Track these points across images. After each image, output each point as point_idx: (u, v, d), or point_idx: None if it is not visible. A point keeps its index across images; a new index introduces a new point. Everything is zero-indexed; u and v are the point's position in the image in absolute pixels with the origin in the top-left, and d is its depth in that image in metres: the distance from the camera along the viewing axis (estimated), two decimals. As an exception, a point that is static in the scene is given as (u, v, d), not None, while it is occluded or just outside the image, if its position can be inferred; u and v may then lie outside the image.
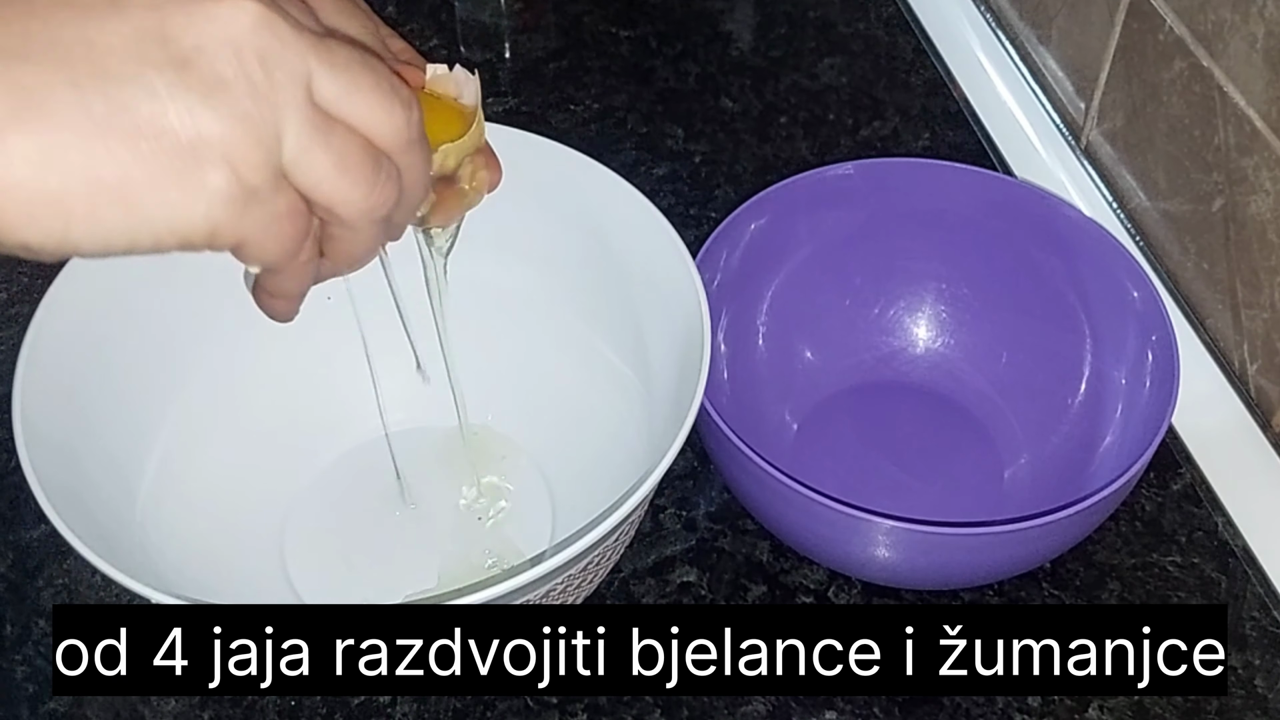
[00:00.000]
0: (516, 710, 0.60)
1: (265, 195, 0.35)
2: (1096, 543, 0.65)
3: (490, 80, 0.90)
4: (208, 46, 0.33)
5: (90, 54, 0.33)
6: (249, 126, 0.34)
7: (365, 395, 0.65)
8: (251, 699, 0.60)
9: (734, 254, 0.67)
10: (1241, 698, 0.60)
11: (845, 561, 0.62)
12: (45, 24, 0.33)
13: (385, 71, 0.37)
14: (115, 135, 0.32)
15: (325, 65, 0.35)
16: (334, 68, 0.35)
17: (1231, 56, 0.68)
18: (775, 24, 0.95)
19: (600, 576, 0.58)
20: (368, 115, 0.36)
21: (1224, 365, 0.73)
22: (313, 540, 0.64)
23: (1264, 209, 0.68)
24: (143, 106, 0.33)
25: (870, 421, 0.71)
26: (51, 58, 0.32)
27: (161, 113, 0.33)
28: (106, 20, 0.33)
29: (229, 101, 0.33)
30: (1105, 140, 0.83)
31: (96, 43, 0.33)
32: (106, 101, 0.32)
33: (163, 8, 0.33)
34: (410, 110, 0.37)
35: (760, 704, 0.60)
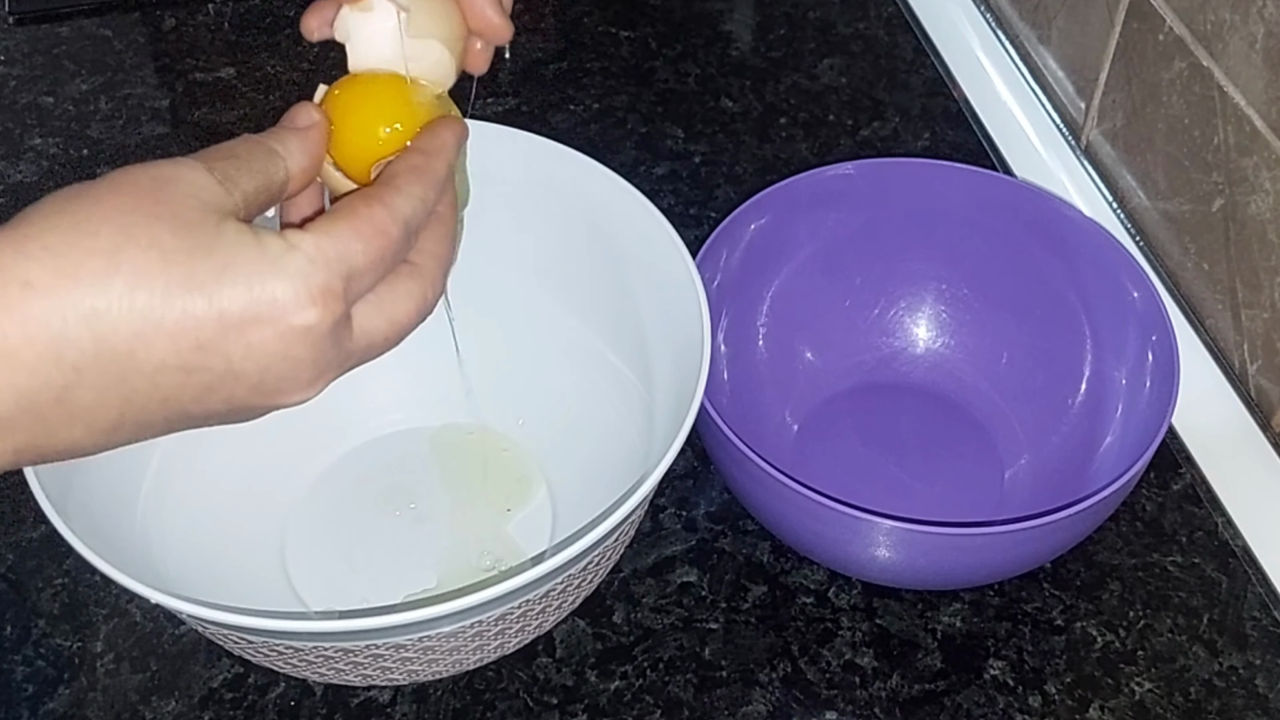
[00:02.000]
0: (516, 710, 0.60)
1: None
2: (1097, 543, 0.65)
3: (490, 80, 0.90)
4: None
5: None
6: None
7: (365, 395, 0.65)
8: (252, 699, 0.60)
9: (734, 254, 0.67)
10: (1242, 698, 0.60)
11: (846, 562, 0.62)
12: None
13: (406, 315, 0.42)
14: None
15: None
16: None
17: (1231, 56, 0.68)
18: (775, 24, 0.95)
19: (600, 576, 0.58)
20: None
21: (1224, 365, 0.73)
22: (313, 540, 0.64)
23: (1264, 209, 0.68)
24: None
25: (871, 422, 0.71)
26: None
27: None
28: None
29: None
30: (1105, 140, 0.83)
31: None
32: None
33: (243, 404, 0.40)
34: (425, 307, 0.43)
35: (760, 704, 0.60)
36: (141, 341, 0.36)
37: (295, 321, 0.38)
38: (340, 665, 0.53)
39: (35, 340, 0.35)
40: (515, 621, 0.53)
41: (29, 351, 0.35)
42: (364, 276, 0.40)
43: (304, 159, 0.43)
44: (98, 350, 0.36)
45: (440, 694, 0.60)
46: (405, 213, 0.41)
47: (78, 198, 0.37)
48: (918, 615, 0.63)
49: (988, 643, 0.62)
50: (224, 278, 0.37)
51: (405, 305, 0.42)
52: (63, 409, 0.37)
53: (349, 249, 0.39)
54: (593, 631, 0.62)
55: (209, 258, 0.37)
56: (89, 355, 0.36)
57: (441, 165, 0.44)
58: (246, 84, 0.90)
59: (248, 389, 0.39)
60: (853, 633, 0.62)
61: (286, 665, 0.54)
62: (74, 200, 0.37)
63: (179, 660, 0.61)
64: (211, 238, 0.37)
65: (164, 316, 0.36)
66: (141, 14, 0.95)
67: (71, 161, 0.84)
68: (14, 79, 0.89)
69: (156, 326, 0.36)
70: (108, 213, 0.37)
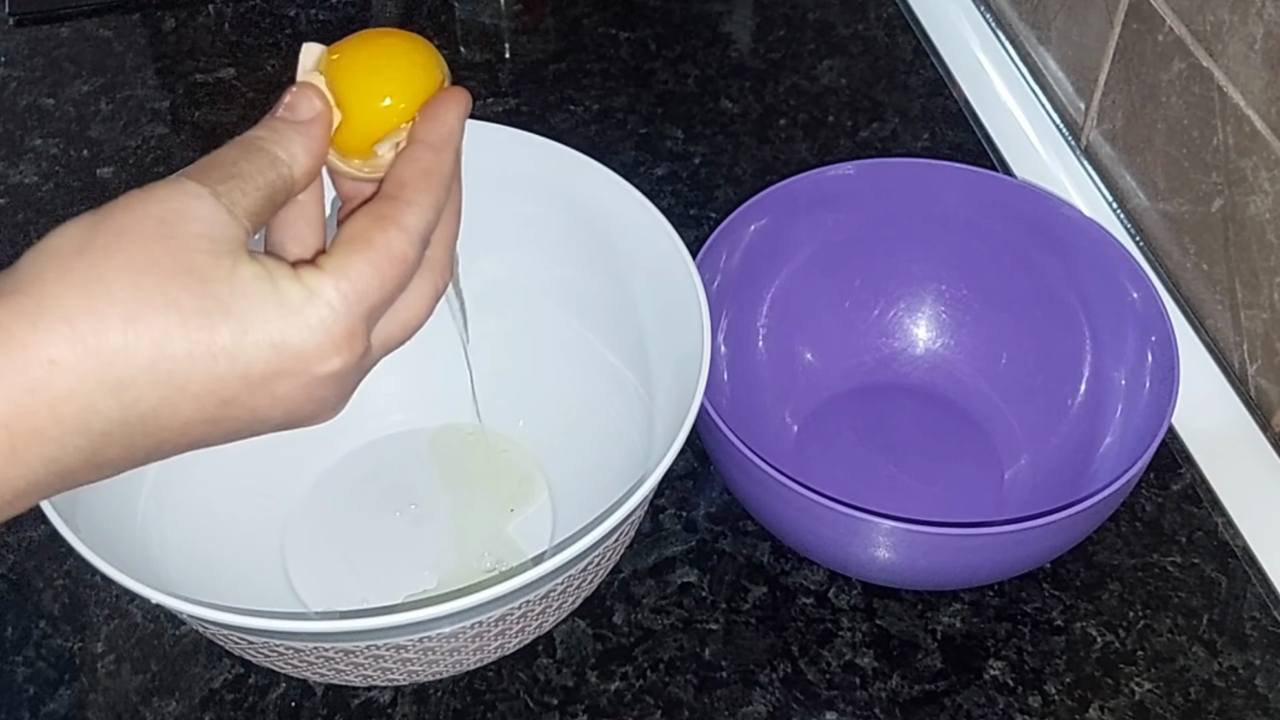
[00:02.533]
0: (517, 710, 0.60)
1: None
2: (1097, 543, 0.65)
3: (490, 81, 0.90)
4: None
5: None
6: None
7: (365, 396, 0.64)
8: (253, 700, 0.60)
9: (734, 255, 0.67)
10: (1242, 697, 0.60)
11: (846, 562, 0.62)
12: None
13: (418, 316, 0.43)
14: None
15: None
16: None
17: (1231, 57, 0.68)
18: (774, 26, 0.95)
19: (600, 577, 0.58)
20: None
21: (1224, 365, 0.73)
22: (313, 540, 0.64)
23: (1263, 209, 0.68)
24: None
25: (870, 423, 0.71)
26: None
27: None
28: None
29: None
30: (1105, 140, 0.83)
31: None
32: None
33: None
34: (437, 296, 0.43)
35: (760, 704, 0.60)
36: (168, 405, 0.37)
37: (320, 371, 0.38)
38: (340, 666, 0.53)
39: (64, 418, 0.35)
40: (515, 622, 0.53)
41: (58, 429, 0.35)
42: (383, 306, 0.40)
43: (308, 159, 0.41)
44: (125, 417, 0.36)
45: (440, 694, 0.60)
46: (419, 229, 0.41)
47: (84, 253, 0.36)
48: (918, 616, 0.63)
49: (988, 643, 0.62)
50: (245, 337, 0.37)
51: (419, 306, 0.42)
52: (91, 465, 0.37)
53: (368, 286, 0.39)
54: (593, 632, 0.62)
55: (228, 318, 0.36)
56: (116, 422, 0.36)
57: (450, 158, 0.43)
58: (246, 84, 0.90)
59: (274, 426, 0.40)
60: (853, 633, 0.62)
61: (287, 666, 0.54)
62: (81, 257, 0.36)
63: (180, 661, 0.61)
64: (227, 290, 0.37)
65: (188, 382, 0.36)
66: (142, 15, 0.95)
67: (72, 162, 0.84)
68: (14, 80, 0.89)
69: (181, 391, 0.36)
70: (119, 272, 0.36)
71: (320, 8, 0.96)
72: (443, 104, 0.44)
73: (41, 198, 0.82)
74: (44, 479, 0.36)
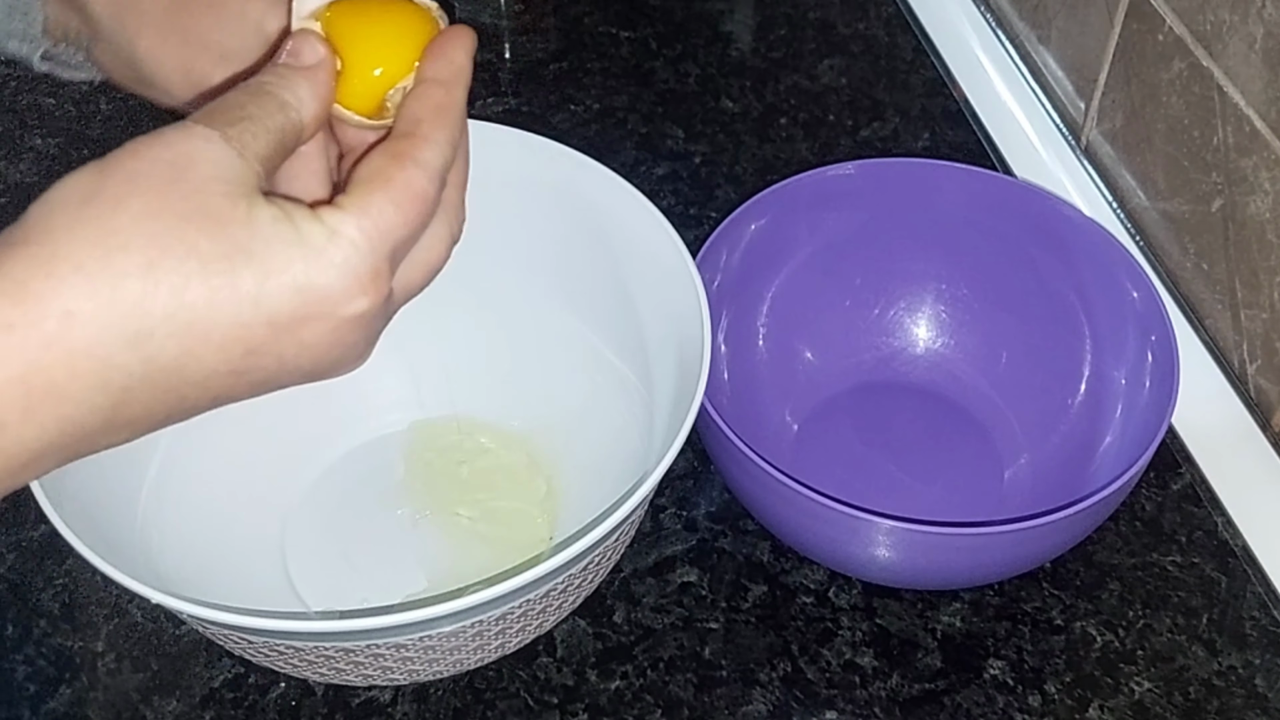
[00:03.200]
0: (517, 710, 0.60)
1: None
2: (1096, 543, 0.65)
3: (491, 81, 0.90)
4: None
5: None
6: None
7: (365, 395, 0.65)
8: (253, 699, 0.60)
9: (734, 254, 0.67)
10: (1242, 697, 0.60)
11: (846, 562, 0.62)
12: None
13: (439, 258, 0.41)
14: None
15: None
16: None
17: (1231, 57, 0.68)
18: (775, 25, 0.95)
19: (601, 576, 0.58)
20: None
21: (1224, 365, 0.73)
22: (313, 540, 0.64)
23: (1263, 209, 0.68)
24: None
25: (870, 422, 0.71)
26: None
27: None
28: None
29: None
30: (1105, 140, 0.83)
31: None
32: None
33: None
34: (454, 241, 0.42)
35: (760, 704, 0.60)
36: (191, 357, 0.35)
37: (347, 313, 0.37)
38: (341, 665, 0.53)
39: (82, 374, 0.34)
40: (516, 621, 0.53)
41: (75, 385, 0.34)
42: (406, 245, 0.39)
43: (316, 105, 0.40)
44: (145, 371, 0.34)
45: (441, 693, 0.60)
46: (437, 165, 0.39)
47: (94, 201, 0.34)
48: (917, 615, 0.63)
49: (987, 642, 0.62)
50: (269, 281, 0.35)
51: (439, 249, 0.41)
52: (109, 426, 0.35)
53: (391, 224, 0.38)
54: (593, 631, 0.62)
55: (250, 262, 0.35)
56: (136, 377, 0.34)
57: (460, 94, 0.42)
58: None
59: (301, 376, 0.38)
60: (853, 632, 0.63)
61: (287, 665, 0.54)
62: (91, 205, 0.34)
63: (180, 660, 0.61)
64: (247, 234, 0.35)
65: (211, 330, 0.35)
66: (142, 14, 0.95)
67: (72, 162, 0.84)
68: (14, 79, 0.89)
69: (204, 341, 0.35)
70: (134, 219, 0.34)
71: (320, 7, 0.95)
72: (449, 42, 0.43)
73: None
74: (58, 441, 0.34)
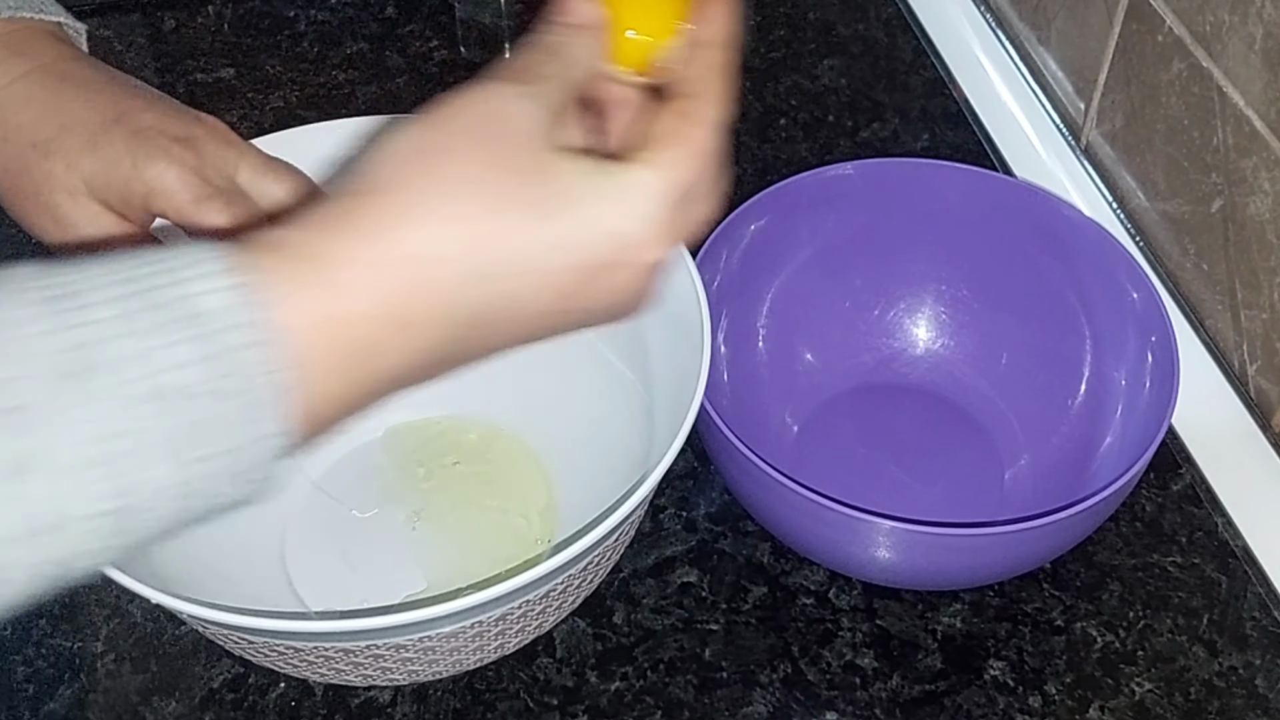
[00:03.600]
0: (517, 710, 0.60)
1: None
2: (1097, 543, 0.65)
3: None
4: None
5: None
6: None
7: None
8: (252, 700, 0.60)
9: (734, 254, 0.67)
10: (1242, 698, 0.60)
11: (846, 562, 0.62)
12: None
13: (712, 209, 0.44)
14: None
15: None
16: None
17: (1230, 57, 0.68)
18: (775, 25, 0.95)
19: (600, 577, 0.58)
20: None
21: (1224, 366, 0.73)
22: (313, 540, 0.64)
23: (1263, 210, 0.68)
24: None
25: (871, 423, 0.71)
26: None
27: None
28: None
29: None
30: (1105, 141, 0.83)
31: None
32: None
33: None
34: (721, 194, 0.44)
35: (761, 705, 0.60)
36: (519, 298, 0.38)
37: (649, 258, 0.40)
38: (340, 665, 0.53)
39: (433, 308, 0.37)
40: (515, 621, 0.53)
41: (427, 318, 0.37)
42: (696, 200, 0.42)
43: (593, 62, 0.44)
44: (483, 309, 0.38)
45: (440, 694, 0.60)
46: (719, 121, 0.43)
47: (427, 154, 0.38)
48: (918, 616, 0.63)
49: (988, 643, 0.62)
50: (587, 228, 0.39)
51: (713, 201, 0.44)
52: (442, 360, 0.39)
53: (684, 178, 0.41)
54: (593, 632, 0.62)
55: (571, 210, 0.39)
56: (476, 314, 0.38)
57: (729, 53, 0.45)
58: (246, 84, 0.90)
59: (604, 318, 0.42)
60: (853, 633, 0.62)
61: (287, 665, 0.54)
62: (426, 157, 0.38)
63: (179, 660, 0.61)
64: (565, 185, 0.39)
65: (539, 272, 0.38)
66: (142, 15, 0.95)
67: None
68: (14, 80, 0.89)
69: (533, 282, 0.38)
70: (468, 169, 0.38)
71: (320, 8, 0.95)
72: (715, 6, 0.46)
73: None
74: (398, 373, 0.38)
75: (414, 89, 0.89)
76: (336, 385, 0.36)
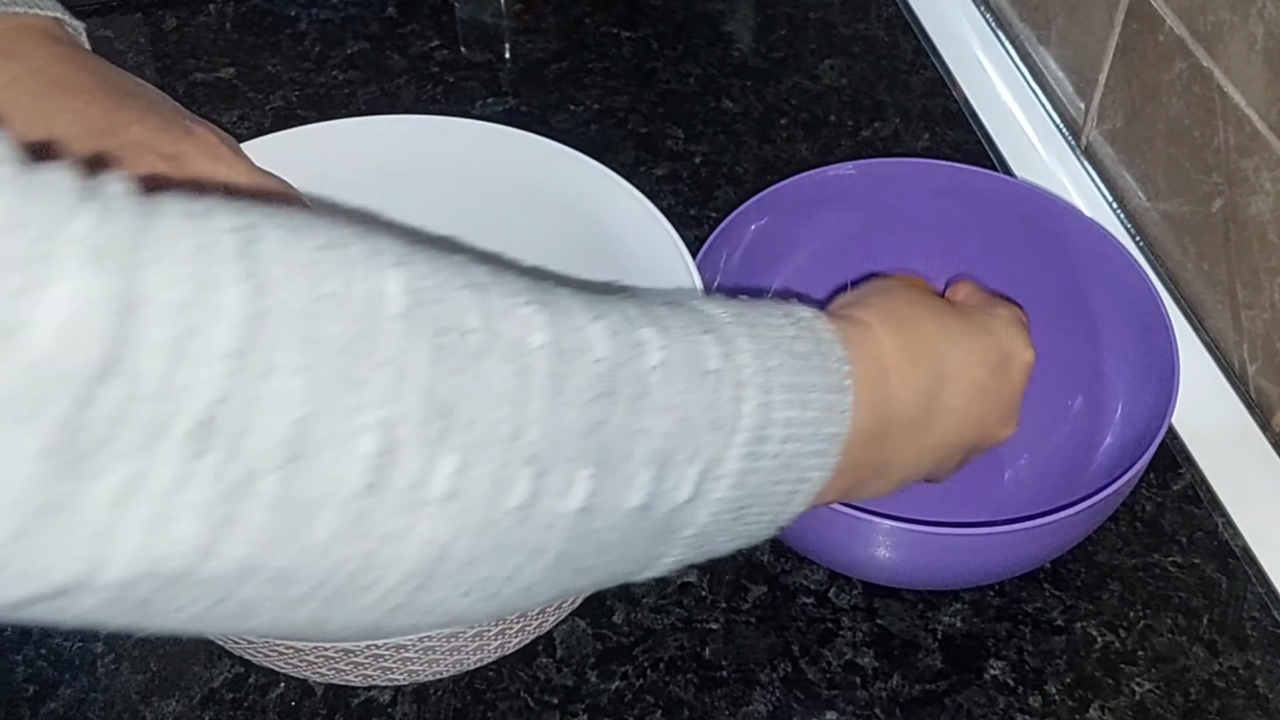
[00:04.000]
0: (517, 710, 0.60)
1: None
2: (1097, 543, 0.65)
3: (491, 81, 0.90)
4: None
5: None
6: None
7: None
8: (253, 700, 0.60)
9: (734, 254, 0.67)
10: (1243, 698, 0.60)
11: (846, 562, 0.62)
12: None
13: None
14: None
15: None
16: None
17: (1231, 57, 0.68)
18: (776, 25, 0.95)
19: (601, 577, 0.58)
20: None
21: (1224, 365, 0.73)
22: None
23: (1264, 209, 0.68)
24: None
25: (870, 422, 0.71)
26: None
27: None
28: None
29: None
30: (1105, 140, 0.83)
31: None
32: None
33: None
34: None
35: (761, 704, 0.60)
36: (953, 364, 0.49)
37: (1028, 358, 0.52)
38: (341, 665, 0.53)
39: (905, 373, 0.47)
40: (515, 621, 0.53)
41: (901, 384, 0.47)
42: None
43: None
44: (931, 401, 0.48)
45: (440, 694, 0.60)
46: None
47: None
48: (918, 615, 0.63)
49: (988, 643, 0.62)
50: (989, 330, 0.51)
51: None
52: (920, 424, 0.48)
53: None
54: (593, 631, 0.62)
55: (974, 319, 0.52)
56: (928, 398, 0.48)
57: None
58: (246, 84, 0.90)
59: (995, 420, 0.51)
60: (853, 633, 0.62)
61: (287, 665, 0.54)
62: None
63: (179, 660, 0.61)
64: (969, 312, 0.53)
65: (974, 347, 0.50)
66: (143, 14, 0.95)
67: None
68: (15, 79, 0.89)
69: (969, 353, 0.50)
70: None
71: (322, 7, 0.96)
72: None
73: (42, 197, 0.82)
74: (876, 428, 0.46)
75: (415, 89, 0.89)
76: (866, 419, 0.44)
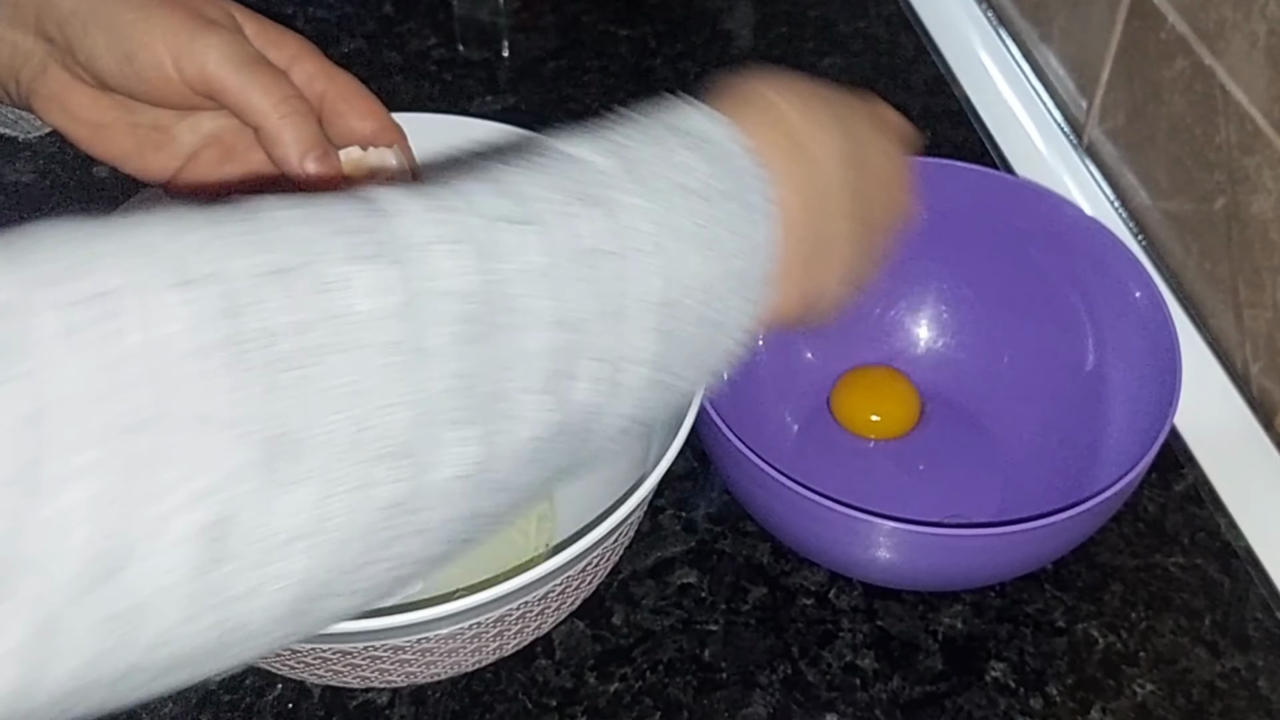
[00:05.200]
0: (515, 712, 0.59)
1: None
2: (1099, 544, 0.65)
3: (488, 79, 0.90)
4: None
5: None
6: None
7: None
8: (249, 701, 0.60)
9: (734, 253, 0.67)
10: (1245, 699, 0.60)
11: (846, 563, 0.61)
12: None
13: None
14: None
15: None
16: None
17: (1233, 55, 0.68)
18: (775, 23, 0.95)
19: (599, 578, 0.58)
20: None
21: (1226, 365, 0.73)
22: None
23: (1266, 208, 0.68)
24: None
25: (871, 422, 0.71)
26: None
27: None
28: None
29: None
30: (1107, 139, 0.83)
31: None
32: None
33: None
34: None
35: (760, 706, 0.60)
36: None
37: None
38: (338, 667, 0.52)
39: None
40: (514, 623, 0.53)
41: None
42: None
43: None
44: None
45: (438, 696, 0.60)
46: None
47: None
48: (918, 617, 0.63)
49: (989, 644, 0.62)
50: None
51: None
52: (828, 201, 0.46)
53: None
54: (592, 633, 0.62)
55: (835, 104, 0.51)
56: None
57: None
58: (245, 83, 0.90)
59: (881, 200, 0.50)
60: (853, 634, 0.62)
61: (284, 667, 0.54)
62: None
63: (176, 662, 0.61)
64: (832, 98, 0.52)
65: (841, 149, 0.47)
66: (139, 12, 0.94)
67: (70, 161, 0.84)
68: (11, 78, 0.89)
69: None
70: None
71: (318, 5, 0.95)
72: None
73: (38, 196, 0.82)
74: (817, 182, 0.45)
75: (412, 87, 0.89)
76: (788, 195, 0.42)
